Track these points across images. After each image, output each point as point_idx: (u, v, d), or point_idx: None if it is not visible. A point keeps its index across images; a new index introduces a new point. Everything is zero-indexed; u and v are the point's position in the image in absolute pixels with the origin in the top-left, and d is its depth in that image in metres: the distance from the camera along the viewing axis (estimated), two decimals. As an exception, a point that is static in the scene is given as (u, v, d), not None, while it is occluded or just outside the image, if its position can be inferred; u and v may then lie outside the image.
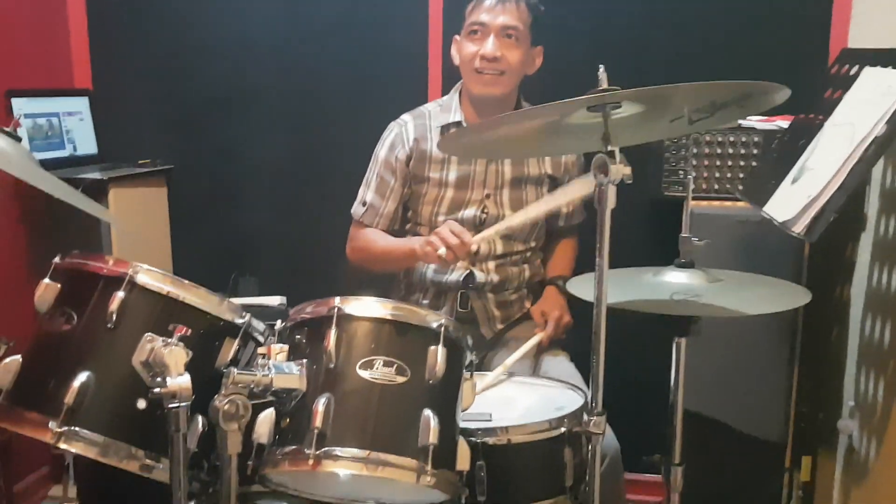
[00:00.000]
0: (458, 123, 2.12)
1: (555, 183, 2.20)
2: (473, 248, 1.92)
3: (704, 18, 2.46)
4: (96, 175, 2.51)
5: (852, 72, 1.75)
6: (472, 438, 1.48)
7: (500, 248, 2.16)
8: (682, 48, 2.47)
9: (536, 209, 1.96)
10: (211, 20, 2.70)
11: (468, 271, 2.12)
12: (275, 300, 2.62)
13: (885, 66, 1.63)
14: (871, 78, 1.67)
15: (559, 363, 2.09)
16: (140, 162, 2.71)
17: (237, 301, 2.52)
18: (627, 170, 1.28)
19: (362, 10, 2.64)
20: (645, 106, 1.30)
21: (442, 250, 1.86)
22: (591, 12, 2.50)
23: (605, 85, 1.27)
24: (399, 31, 2.63)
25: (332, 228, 2.30)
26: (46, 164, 2.49)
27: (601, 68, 1.29)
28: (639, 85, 1.33)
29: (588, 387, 1.49)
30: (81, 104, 2.75)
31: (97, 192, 2.44)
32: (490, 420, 1.59)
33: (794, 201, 1.60)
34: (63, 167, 2.59)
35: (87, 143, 2.75)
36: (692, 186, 1.58)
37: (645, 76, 2.36)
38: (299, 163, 2.75)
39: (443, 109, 2.17)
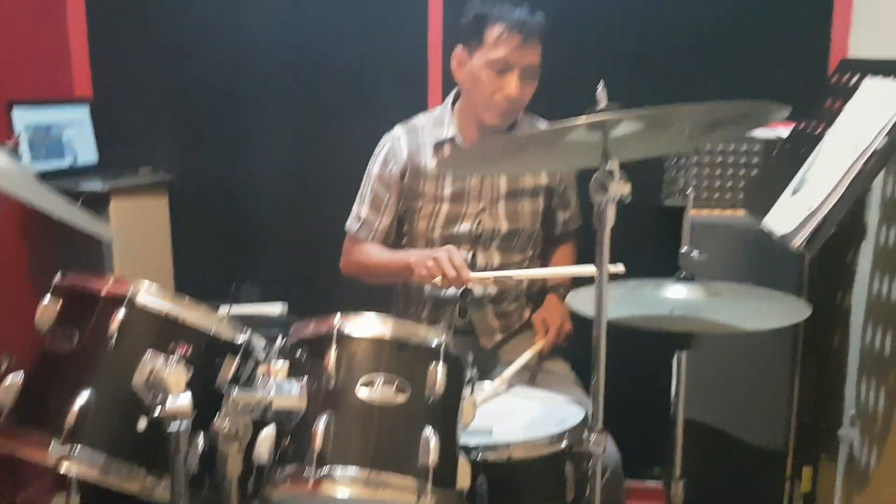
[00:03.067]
0: (451, 139, 2.12)
1: (550, 193, 2.21)
2: (470, 285, 1.93)
3: (705, 25, 2.45)
4: (97, 186, 2.51)
5: (852, 82, 1.75)
6: (474, 454, 1.49)
7: (497, 260, 2.16)
8: (683, 56, 2.47)
9: (540, 273, 2.07)
10: (211, 28, 2.70)
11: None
12: (276, 307, 2.63)
13: (885, 76, 1.62)
14: (871, 88, 1.67)
15: (560, 372, 2.09)
16: (141, 171, 2.71)
17: (238, 309, 2.57)
18: (627, 188, 1.27)
19: (363, 16, 2.64)
20: (645, 123, 1.30)
21: (437, 279, 1.88)
22: (592, 25, 2.51)
23: (604, 102, 1.27)
24: (399, 38, 2.63)
25: (333, 235, 2.30)
26: (47, 175, 2.51)
27: (601, 85, 1.29)
28: (639, 98, 1.33)
29: (589, 396, 1.49)
30: (82, 113, 2.75)
31: (98, 203, 2.45)
32: (491, 435, 1.59)
33: (794, 213, 1.60)
34: (64, 177, 2.59)
35: (87, 152, 2.75)
36: (692, 202, 1.57)
37: (646, 88, 2.40)
38: (300, 170, 2.76)
39: (436, 124, 2.16)
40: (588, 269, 1.86)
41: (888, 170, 1.91)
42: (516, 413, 1.74)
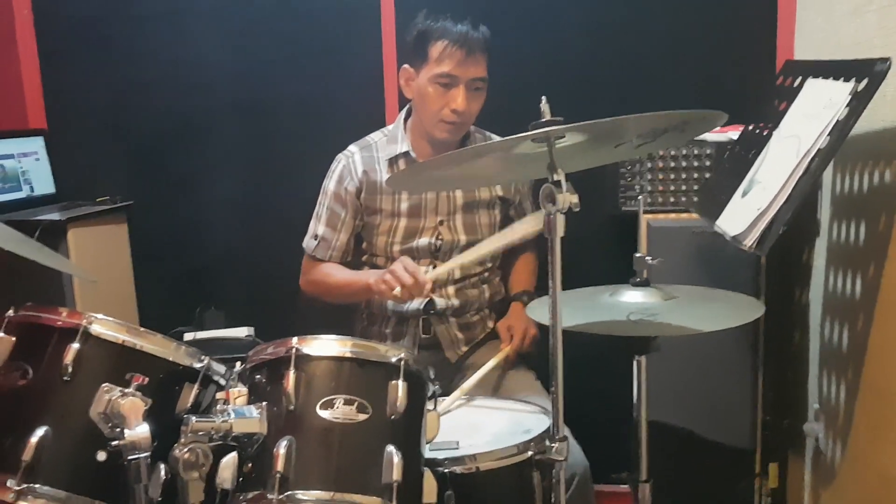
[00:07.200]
0: (405, 154, 2.13)
1: (506, 204, 2.23)
2: (428, 286, 1.93)
3: (652, 31, 2.48)
4: (54, 216, 2.49)
5: (796, 83, 1.78)
6: (440, 468, 1.49)
7: (458, 272, 2.17)
8: (631, 59, 2.49)
9: (490, 245, 1.98)
10: (163, 54, 2.69)
11: (428, 298, 2.12)
12: (242, 331, 2.61)
13: (826, 77, 1.66)
14: (813, 90, 1.70)
15: (525, 381, 2.10)
16: (99, 199, 2.69)
17: (203, 334, 2.55)
18: (574, 198, 1.29)
19: (315, 38, 2.64)
20: (589, 135, 1.32)
21: (397, 289, 1.88)
22: (535, 37, 2.52)
23: (547, 116, 1.29)
24: (353, 57, 2.63)
25: (296, 256, 2.30)
26: (3, 207, 2.50)
27: (543, 100, 1.30)
28: (584, 109, 1.34)
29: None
30: (37, 144, 2.73)
31: (56, 233, 2.42)
32: (457, 448, 1.59)
33: (744, 215, 1.63)
34: (21, 209, 2.57)
35: (44, 183, 2.72)
36: (643, 207, 1.59)
37: (591, 95, 2.43)
38: (260, 191, 2.75)
39: (389, 140, 2.16)
40: (530, 225, 1.77)
41: (837, 168, 1.95)
42: (482, 425, 1.75)
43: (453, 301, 2.16)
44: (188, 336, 2.57)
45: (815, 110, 1.61)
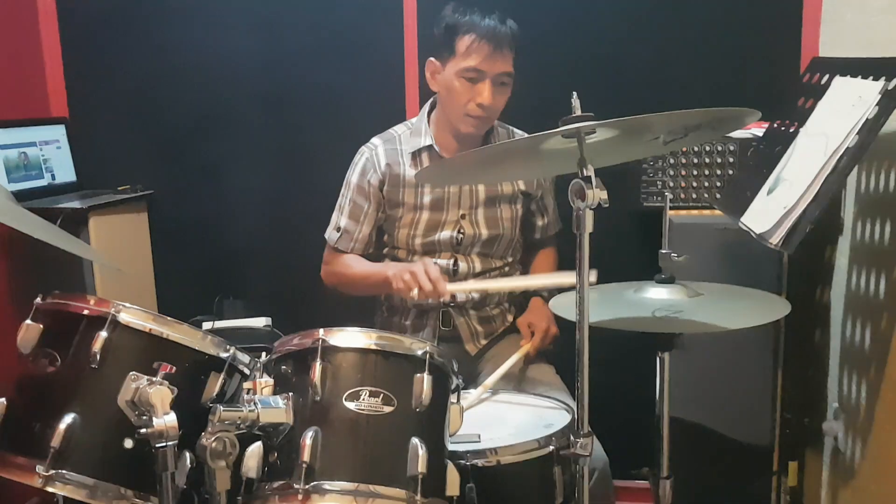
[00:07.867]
0: (429, 147, 2.13)
1: (528, 198, 2.23)
2: (446, 298, 1.93)
3: (678, 29, 2.47)
4: (76, 204, 2.50)
5: (823, 81, 1.77)
6: (462, 461, 1.50)
7: (478, 266, 2.17)
8: (655, 55, 2.48)
9: (517, 283, 2.05)
10: (185, 44, 2.69)
11: None
12: (260, 321, 2.62)
13: (854, 75, 1.65)
14: (841, 87, 1.69)
15: (546, 377, 2.09)
16: (120, 188, 2.70)
17: (222, 324, 2.56)
18: (604, 194, 1.29)
19: (337, 31, 2.64)
20: (619, 130, 1.31)
21: (415, 292, 1.89)
22: (563, 33, 2.51)
23: (578, 112, 1.28)
24: (375, 50, 2.63)
25: (315, 247, 2.30)
26: (25, 195, 2.51)
27: (574, 95, 1.30)
28: (613, 105, 1.35)
29: (574, 399, 1.50)
30: (58, 132, 2.74)
31: (77, 221, 2.44)
32: (479, 441, 1.60)
33: (770, 212, 1.62)
34: (42, 197, 2.58)
35: (65, 171, 2.74)
36: (669, 204, 1.58)
37: (619, 92, 2.42)
38: (279, 183, 2.75)
39: (413, 133, 2.16)
40: (563, 279, 1.87)
41: (862, 166, 1.93)
42: (503, 419, 1.75)
43: (473, 294, 2.16)
44: (207, 325, 2.57)
45: (843, 108, 1.60)
